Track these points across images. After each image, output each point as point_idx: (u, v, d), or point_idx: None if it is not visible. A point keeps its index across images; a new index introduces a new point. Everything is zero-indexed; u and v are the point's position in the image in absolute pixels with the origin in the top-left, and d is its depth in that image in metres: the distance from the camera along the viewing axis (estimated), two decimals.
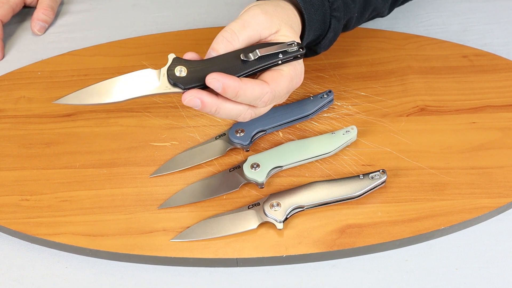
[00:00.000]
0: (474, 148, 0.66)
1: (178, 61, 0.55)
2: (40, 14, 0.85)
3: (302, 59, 0.60)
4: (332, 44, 0.71)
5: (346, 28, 0.73)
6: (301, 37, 0.63)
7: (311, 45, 0.70)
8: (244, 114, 0.57)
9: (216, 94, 0.55)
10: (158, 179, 0.65)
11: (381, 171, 0.61)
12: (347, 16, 0.69)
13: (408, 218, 0.60)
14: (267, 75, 0.57)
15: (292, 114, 0.68)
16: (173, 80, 0.55)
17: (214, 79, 0.53)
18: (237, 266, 0.59)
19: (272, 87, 0.56)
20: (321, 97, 0.69)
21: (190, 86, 0.55)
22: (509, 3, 0.86)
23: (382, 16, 0.79)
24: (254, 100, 0.55)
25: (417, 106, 0.70)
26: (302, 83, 0.72)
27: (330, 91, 0.70)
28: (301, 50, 0.57)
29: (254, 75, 0.57)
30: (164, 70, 0.55)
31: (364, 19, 0.75)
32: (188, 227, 0.60)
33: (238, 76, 0.55)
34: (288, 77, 0.57)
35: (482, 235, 0.60)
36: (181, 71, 0.55)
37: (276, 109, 0.69)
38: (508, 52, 0.78)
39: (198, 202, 0.62)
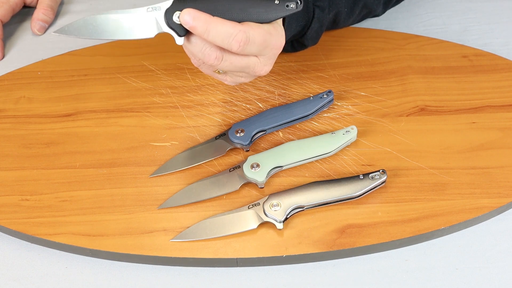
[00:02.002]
0: (474, 148, 0.66)
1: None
2: (40, 14, 0.85)
3: (281, 25, 0.59)
4: (319, 36, 0.71)
5: (336, 23, 0.73)
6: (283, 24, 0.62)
7: (298, 37, 0.70)
8: (236, 36, 0.54)
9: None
10: (158, 179, 0.65)
11: (381, 171, 0.61)
12: (334, 8, 0.69)
13: (408, 218, 0.60)
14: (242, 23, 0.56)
15: (292, 114, 0.68)
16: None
17: (185, 13, 0.53)
18: (237, 266, 0.59)
19: (245, 28, 0.54)
20: (321, 97, 0.69)
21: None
22: (509, 3, 0.86)
23: (377, 15, 0.79)
24: (227, 38, 0.54)
25: (417, 106, 0.70)
26: (302, 83, 0.73)
27: (330, 91, 0.70)
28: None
29: None
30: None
31: (356, 15, 0.75)
32: (188, 227, 0.60)
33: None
34: (265, 29, 0.56)
35: (482, 235, 0.60)
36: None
37: (276, 109, 0.69)
38: (508, 52, 0.77)
39: (198, 202, 0.62)
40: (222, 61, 0.56)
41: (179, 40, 0.56)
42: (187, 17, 0.53)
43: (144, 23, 0.56)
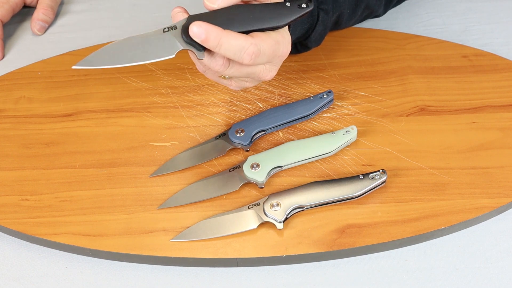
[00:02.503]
0: (474, 148, 0.66)
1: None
2: (40, 14, 0.85)
3: (288, 32, 0.59)
4: (323, 38, 0.71)
5: (338, 25, 0.73)
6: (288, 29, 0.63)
7: (302, 39, 0.70)
8: (248, 49, 0.54)
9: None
10: (158, 179, 0.65)
11: (381, 171, 0.61)
12: (337, 10, 0.69)
13: (408, 218, 0.60)
14: (251, 34, 0.55)
15: (292, 114, 0.68)
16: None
17: (197, 27, 0.52)
18: (237, 266, 0.59)
19: (256, 40, 0.54)
20: (321, 97, 0.69)
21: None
22: (509, 3, 0.86)
23: (378, 16, 0.79)
24: (239, 51, 0.54)
25: (417, 106, 0.70)
26: (302, 83, 0.73)
27: (330, 91, 0.70)
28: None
29: None
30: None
31: (357, 17, 0.75)
32: (188, 227, 0.60)
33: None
34: (274, 39, 0.56)
35: (482, 235, 0.60)
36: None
37: (276, 109, 0.69)
38: (508, 52, 0.78)
39: (198, 202, 0.62)
40: (229, 67, 0.56)
41: (201, 55, 0.54)
42: (199, 30, 0.52)
43: (162, 44, 0.54)
